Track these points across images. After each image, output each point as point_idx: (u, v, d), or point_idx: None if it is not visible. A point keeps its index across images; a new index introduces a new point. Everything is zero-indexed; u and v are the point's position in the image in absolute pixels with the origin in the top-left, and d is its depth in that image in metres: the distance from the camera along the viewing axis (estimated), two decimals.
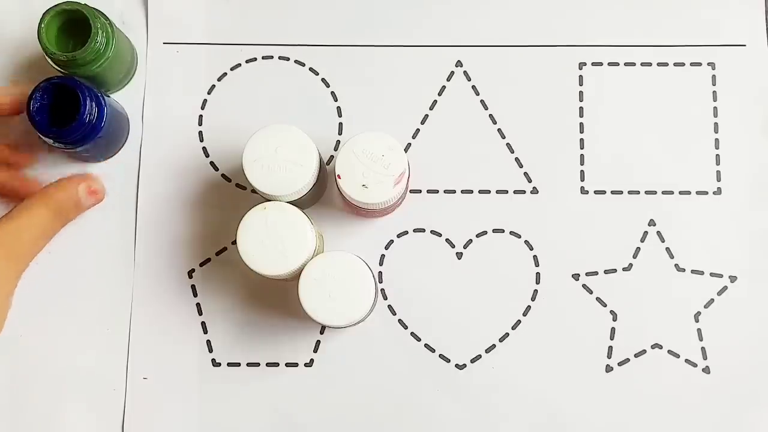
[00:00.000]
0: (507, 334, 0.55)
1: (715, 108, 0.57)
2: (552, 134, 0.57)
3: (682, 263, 0.56)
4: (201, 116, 0.57)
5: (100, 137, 0.52)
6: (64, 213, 0.54)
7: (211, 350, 0.55)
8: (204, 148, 0.57)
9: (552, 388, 0.55)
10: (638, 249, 0.56)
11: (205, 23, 0.58)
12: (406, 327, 0.55)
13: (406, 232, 0.56)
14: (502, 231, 0.56)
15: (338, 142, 0.57)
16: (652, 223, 0.56)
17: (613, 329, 0.55)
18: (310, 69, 0.58)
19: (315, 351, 0.55)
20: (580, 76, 0.58)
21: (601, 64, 0.58)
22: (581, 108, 0.57)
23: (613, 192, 0.57)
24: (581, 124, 0.57)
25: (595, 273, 0.56)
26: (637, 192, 0.57)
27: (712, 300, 0.56)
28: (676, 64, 0.58)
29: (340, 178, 0.49)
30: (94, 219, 0.56)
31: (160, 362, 0.55)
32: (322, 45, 0.58)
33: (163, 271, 0.56)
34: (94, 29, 0.51)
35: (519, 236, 0.56)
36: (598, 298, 0.55)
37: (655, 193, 0.56)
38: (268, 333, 0.55)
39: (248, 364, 0.55)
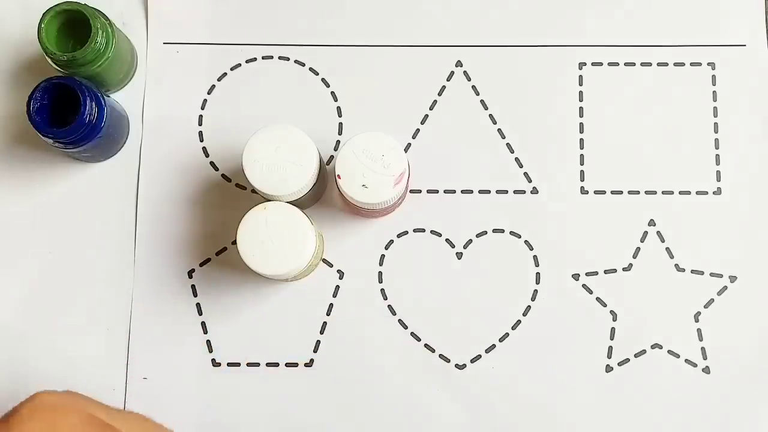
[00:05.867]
0: (507, 334, 0.55)
1: (715, 108, 0.57)
2: (552, 134, 0.57)
3: (682, 263, 0.56)
4: (201, 116, 0.57)
5: (100, 137, 0.52)
6: None
7: (211, 350, 0.55)
8: (204, 148, 0.57)
9: (552, 387, 0.55)
10: (638, 249, 0.56)
11: (205, 23, 0.58)
12: (406, 327, 0.55)
13: (406, 232, 0.56)
14: (502, 231, 0.56)
15: (338, 142, 0.57)
16: (652, 223, 0.56)
17: (613, 329, 0.55)
18: (310, 69, 0.58)
19: (315, 351, 0.55)
20: (580, 76, 0.58)
21: (601, 64, 0.58)
22: (581, 108, 0.57)
23: (613, 192, 0.57)
24: (581, 124, 0.57)
25: (595, 273, 0.56)
26: (637, 192, 0.57)
27: (712, 300, 0.55)
28: (676, 64, 0.58)
29: (340, 178, 0.49)
30: (94, 219, 0.56)
31: (160, 362, 0.55)
32: (322, 45, 0.58)
33: (163, 271, 0.56)
34: (94, 29, 0.51)
35: (519, 236, 0.56)
36: (598, 298, 0.55)
37: (655, 193, 0.56)
38: (268, 333, 0.55)
39: (248, 364, 0.55)
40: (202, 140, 0.57)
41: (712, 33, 0.58)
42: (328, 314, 0.55)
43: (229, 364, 0.55)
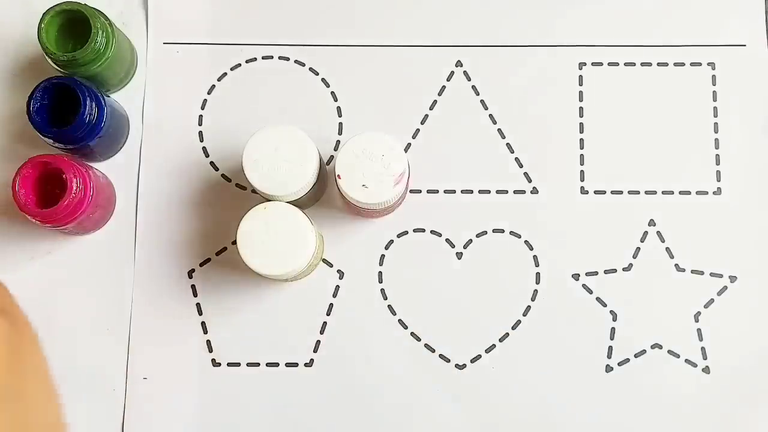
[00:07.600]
0: (507, 334, 0.55)
1: (715, 108, 0.57)
2: (552, 134, 0.57)
3: (682, 263, 0.56)
4: (201, 116, 0.57)
5: (100, 137, 0.52)
6: None
7: (211, 350, 0.55)
8: (204, 148, 0.57)
9: (552, 387, 0.55)
10: (638, 249, 0.56)
11: (205, 23, 0.58)
12: (406, 327, 0.55)
13: (406, 232, 0.56)
14: (502, 231, 0.56)
15: (338, 142, 0.57)
16: (652, 223, 0.56)
17: (613, 329, 0.55)
18: (310, 69, 0.58)
19: (315, 351, 0.55)
20: (580, 76, 0.58)
21: (601, 64, 0.58)
22: (581, 108, 0.57)
23: (613, 192, 0.57)
24: (581, 124, 0.57)
25: (595, 273, 0.56)
26: (637, 192, 0.57)
27: (712, 300, 0.55)
28: (676, 64, 0.58)
29: (340, 178, 0.49)
30: None
31: (160, 362, 0.55)
32: (322, 45, 0.58)
33: (163, 271, 0.56)
34: (94, 29, 0.51)
35: (519, 236, 0.56)
36: (598, 298, 0.55)
37: (655, 193, 0.56)
38: (268, 333, 0.55)
39: (248, 364, 0.55)
40: (202, 140, 0.57)
41: (712, 33, 0.58)
42: (328, 314, 0.55)
43: (229, 364, 0.55)
